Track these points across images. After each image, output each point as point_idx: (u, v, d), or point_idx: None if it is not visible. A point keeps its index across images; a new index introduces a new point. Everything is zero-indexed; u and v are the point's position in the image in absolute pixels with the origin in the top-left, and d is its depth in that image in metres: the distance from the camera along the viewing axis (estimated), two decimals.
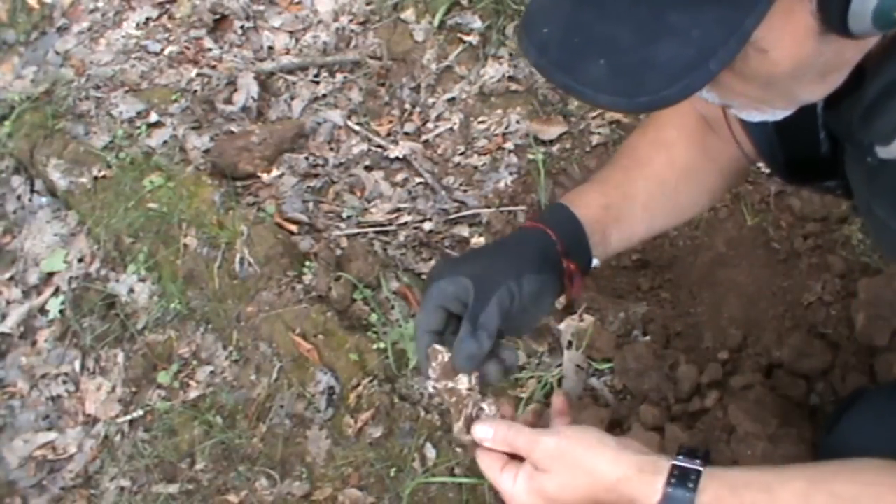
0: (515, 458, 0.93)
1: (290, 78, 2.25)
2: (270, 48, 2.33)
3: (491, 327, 0.94)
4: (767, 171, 1.76)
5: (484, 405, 0.96)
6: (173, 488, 1.72)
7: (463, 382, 0.96)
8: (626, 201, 1.10)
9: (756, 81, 0.73)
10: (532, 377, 1.63)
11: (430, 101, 2.15)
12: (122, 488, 1.75)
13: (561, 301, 1.48)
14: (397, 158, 2.06)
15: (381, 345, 1.72)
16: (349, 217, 1.98)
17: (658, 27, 0.65)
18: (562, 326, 1.64)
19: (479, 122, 2.07)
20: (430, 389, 0.98)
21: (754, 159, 1.11)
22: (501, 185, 1.96)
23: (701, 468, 0.83)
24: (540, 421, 1.01)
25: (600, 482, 0.87)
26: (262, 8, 2.39)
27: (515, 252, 1.00)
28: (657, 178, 1.11)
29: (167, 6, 2.43)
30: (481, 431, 0.94)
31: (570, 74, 0.68)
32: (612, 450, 0.87)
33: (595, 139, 1.95)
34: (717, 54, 0.64)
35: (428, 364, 0.97)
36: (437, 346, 0.97)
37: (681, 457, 0.85)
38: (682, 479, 0.83)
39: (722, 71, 0.65)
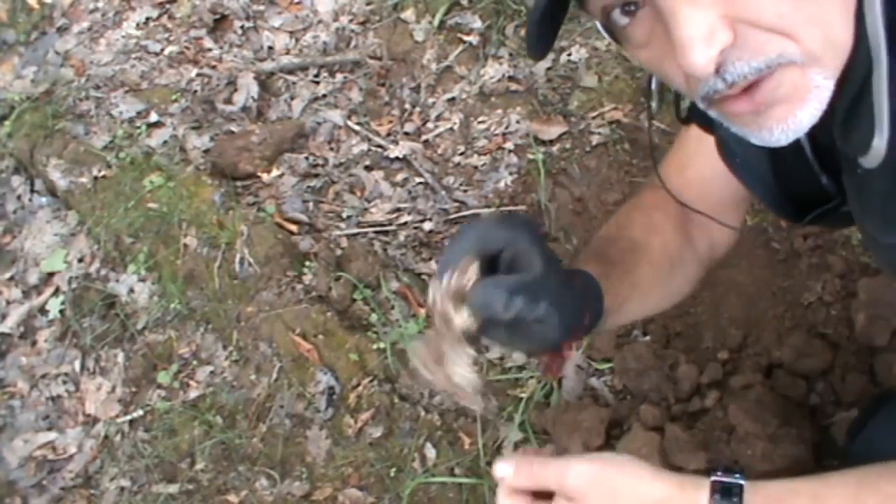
0: (540, 497, 0.87)
1: (290, 78, 2.25)
2: (270, 48, 2.33)
3: (543, 301, 0.81)
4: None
5: (462, 352, 0.83)
6: (173, 488, 1.72)
7: (463, 315, 0.83)
8: (632, 290, 1.07)
9: None
10: (532, 377, 1.63)
11: (430, 101, 2.14)
12: (122, 488, 1.75)
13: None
14: (397, 158, 2.06)
15: (381, 345, 1.72)
16: (349, 217, 1.98)
17: None
18: None
19: (479, 122, 2.07)
20: (429, 300, 0.85)
21: (729, 245, 1.13)
22: (501, 185, 1.96)
23: (742, 482, 0.83)
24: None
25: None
26: (262, 8, 2.39)
27: (581, 282, 0.94)
28: (656, 264, 1.10)
29: (167, 6, 2.43)
30: (502, 469, 0.86)
31: None
32: (649, 471, 0.85)
33: (595, 139, 1.95)
34: None
35: (453, 273, 0.82)
36: (474, 266, 0.82)
37: (719, 472, 0.84)
38: (726, 493, 0.83)
39: None
